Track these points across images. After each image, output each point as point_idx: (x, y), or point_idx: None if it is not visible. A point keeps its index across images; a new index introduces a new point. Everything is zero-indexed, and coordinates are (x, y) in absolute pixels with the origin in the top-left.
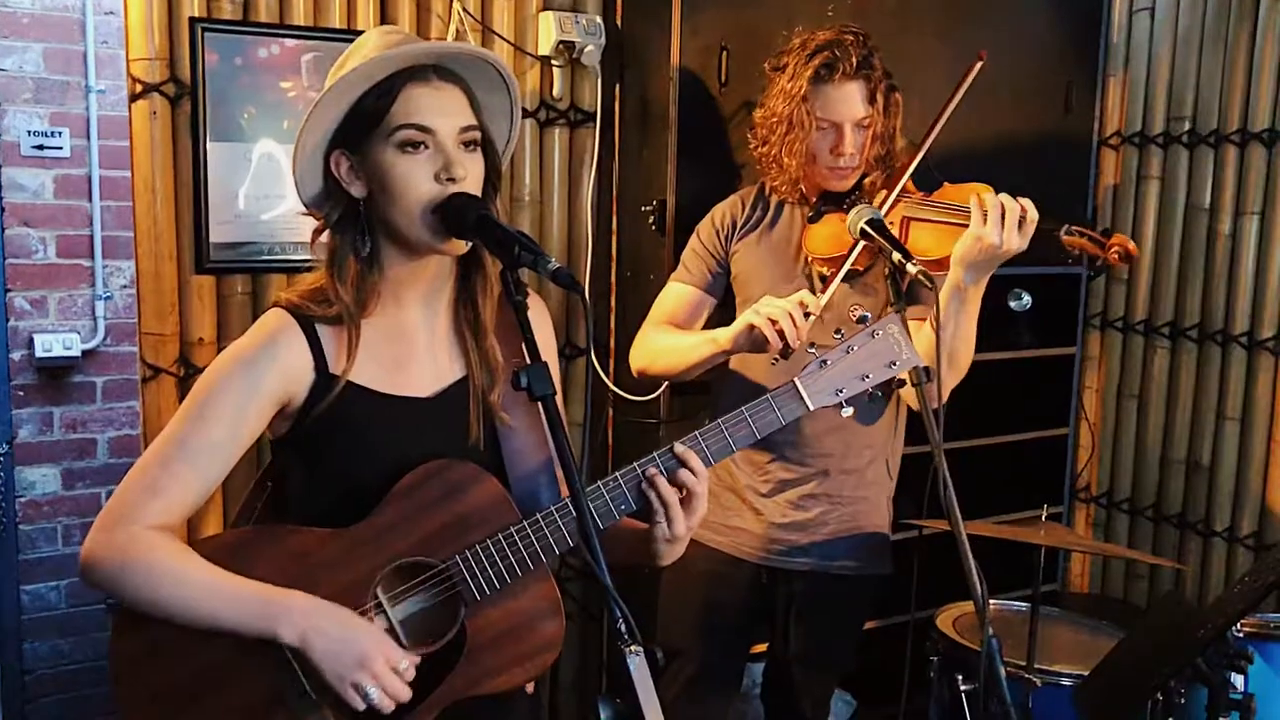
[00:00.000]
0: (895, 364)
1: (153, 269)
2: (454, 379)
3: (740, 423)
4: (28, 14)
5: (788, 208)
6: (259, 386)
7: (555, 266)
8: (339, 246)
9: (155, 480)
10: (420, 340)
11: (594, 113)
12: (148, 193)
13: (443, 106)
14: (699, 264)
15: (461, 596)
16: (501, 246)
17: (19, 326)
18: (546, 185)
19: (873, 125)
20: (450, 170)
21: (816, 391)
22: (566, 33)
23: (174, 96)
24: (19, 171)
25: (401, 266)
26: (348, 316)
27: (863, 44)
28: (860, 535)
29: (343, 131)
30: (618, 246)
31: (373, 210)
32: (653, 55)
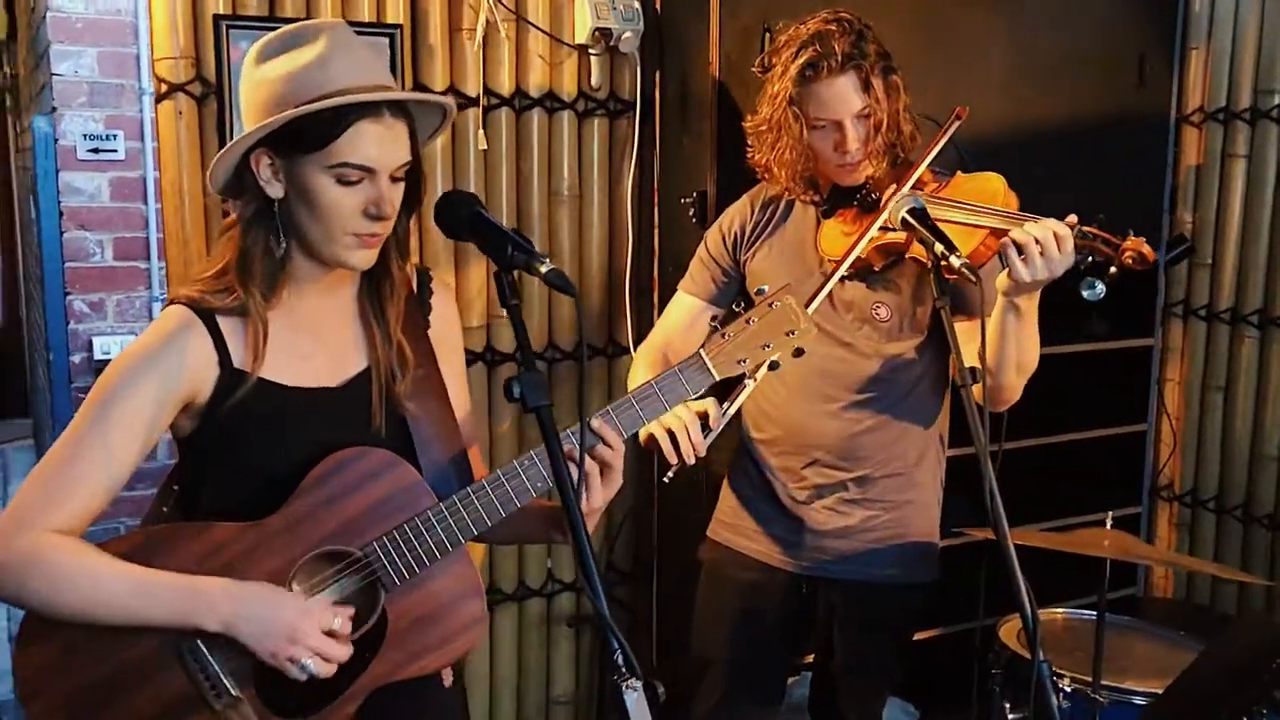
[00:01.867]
0: (793, 333)
1: (181, 273)
2: (359, 369)
3: (649, 395)
4: (82, 18)
5: (799, 205)
6: (161, 385)
7: (548, 267)
8: (250, 244)
9: (55, 485)
10: (324, 330)
11: (633, 102)
12: (175, 195)
13: (386, 144)
14: (704, 273)
15: (381, 583)
16: (495, 246)
17: (78, 329)
18: (586, 178)
19: (873, 114)
20: (379, 208)
21: (721, 362)
22: (603, 19)
23: (200, 96)
24: (75, 175)
25: (308, 263)
26: (254, 310)
27: (849, 29)
28: (906, 541)
29: (275, 137)
30: (659, 241)
31: (289, 216)
32: (692, 39)
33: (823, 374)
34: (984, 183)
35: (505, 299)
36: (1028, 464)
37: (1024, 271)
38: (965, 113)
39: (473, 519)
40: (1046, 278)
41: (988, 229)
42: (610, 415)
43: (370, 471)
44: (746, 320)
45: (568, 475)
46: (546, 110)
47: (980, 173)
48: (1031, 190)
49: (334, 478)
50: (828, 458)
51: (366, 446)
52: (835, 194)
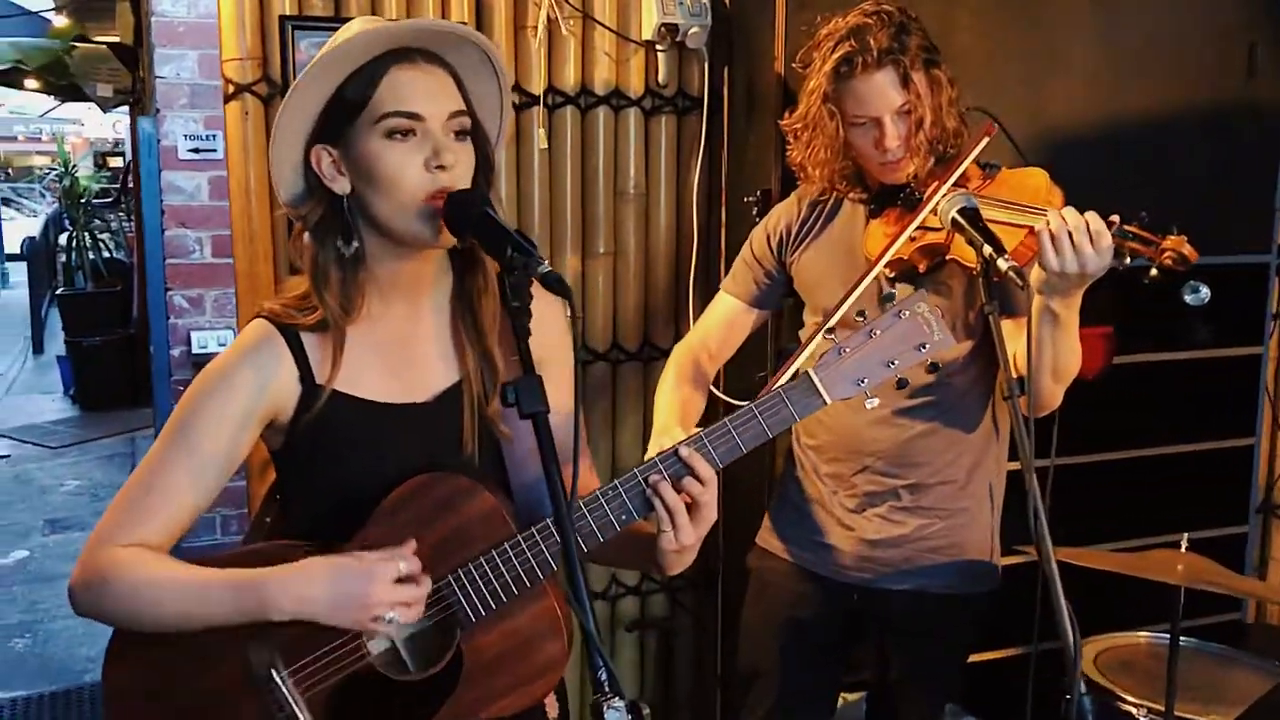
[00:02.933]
0: (925, 346)
1: (249, 270)
2: (449, 384)
3: (749, 421)
4: (183, 22)
5: (848, 204)
6: (243, 402)
7: (545, 269)
8: (320, 250)
9: (138, 502)
10: (414, 343)
11: (701, 99)
12: (243, 195)
13: (430, 90)
14: (746, 275)
15: (457, 618)
16: (495, 247)
17: (177, 324)
18: (653, 177)
19: (914, 110)
20: (440, 157)
21: (835, 382)
22: (669, 15)
23: (266, 96)
24: (177, 175)
25: (391, 265)
26: (332, 323)
27: (889, 22)
28: (962, 551)
29: (324, 124)
30: (726, 240)
31: (359, 207)
32: (759, 34)
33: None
34: (1025, 178)
35: (506, 300)
36: (1120, 477)
37: (1054, 260)
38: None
39: (553, 554)
40: (1076, 271)
41: (1027, 227)
42: (704, 444)
43: (446, 499)
44: (868, 332)
45: (560, 489)
46: (612, 108)
47: (1022, 168)
48: (1118, 191)
49: (408, 505)
50: (879, 464)
51: (442, 472)
52: (881, 192)
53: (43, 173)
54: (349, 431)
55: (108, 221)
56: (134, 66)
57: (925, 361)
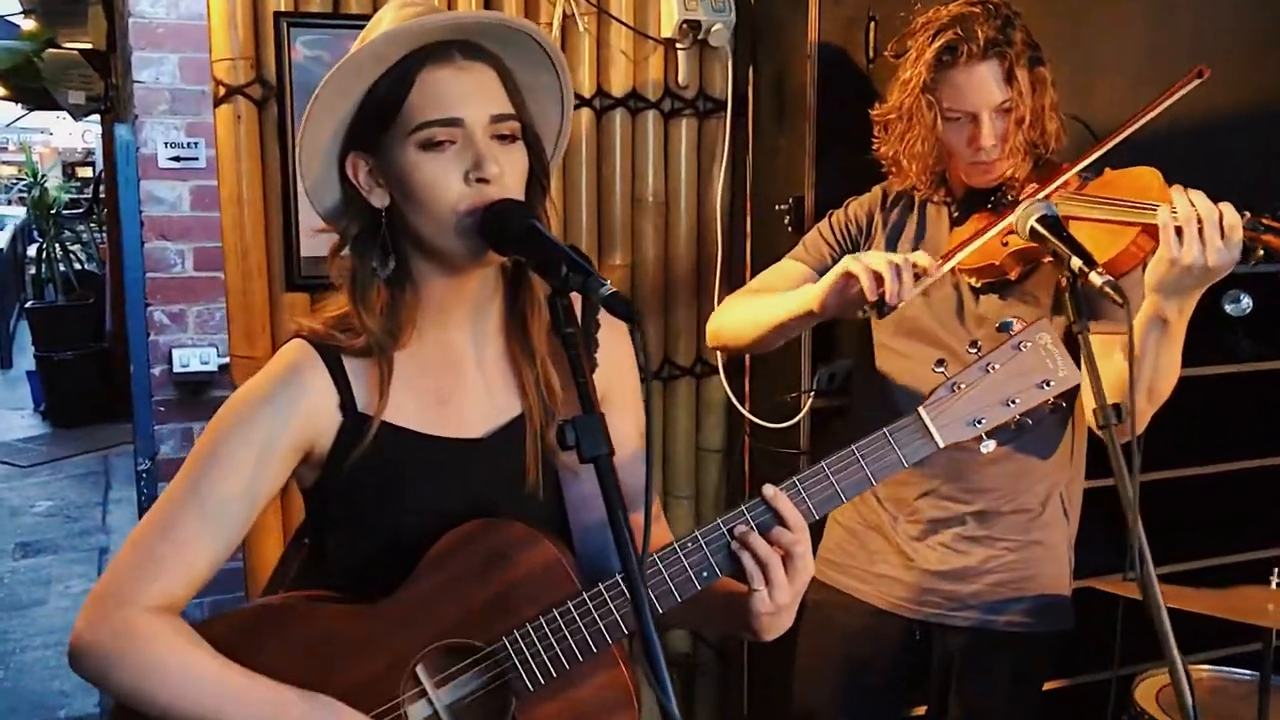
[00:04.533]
0: (1049, 383)
1: (241, 286)
2: (509, 416)
3: (850, 466)
4: (163, 24)
5: (933, 208)
6: (277, 432)
7: (606, 290)
8: (360, 266)
9: (156, 551)
10: (467, 371)
11: (725, 100)
12: (234, 205)
13: (468, 91)
14: (819, 248)
15: (512, 686)
16: (547, 266)
17: (159, 341)
18: (673, 184)
19: (1015, 108)
20: (481, 168)
21: (947, 423)
22: (691, 10)
23: (260, 99)
24: (157, 184)
25: (438, 284)
26: (377, 348)
27: (994, 14)
28: (1034, 586)
29: (356, 129)
30: (752, 251)
31: (398, 221)
32: (789, 30)
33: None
34: (1135, 178)
35: (560, 326)
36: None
37: (1177, 253)
38: (1206, 72)
39: (624, 615)
40: (1201, 266)
41: (1139, 226)
42: (798, 489)
43: (501, 548)
44: (985, 366)
45: (629, 542)
46: (630, 110)
47: (1132, 168)
48: None
49: (458, 555)
50: (945, 488)
51: (497, 519)
52: (969, 196)
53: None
54: (396, 469)
55: (78, 233)
56: (107, 73)
57: (1049, 400)
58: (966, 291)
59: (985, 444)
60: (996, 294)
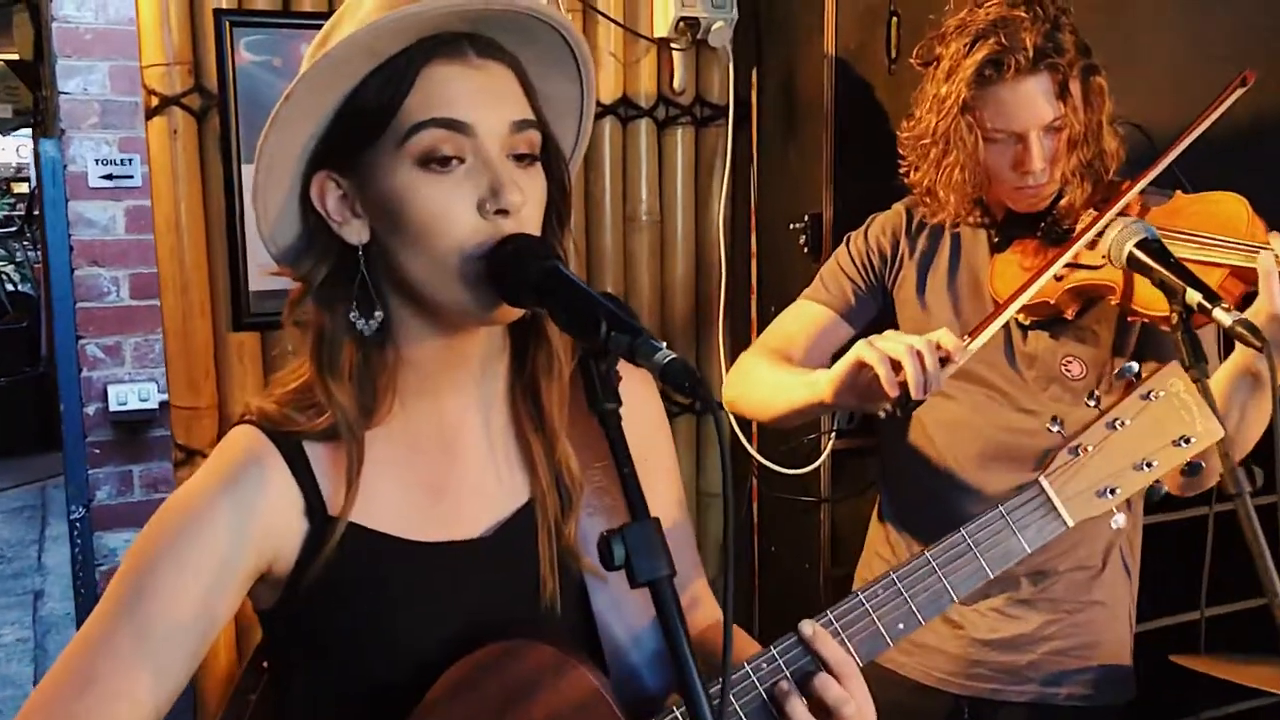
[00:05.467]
0: (1188, 440)
1: (180, 326)
2: (516, 506)
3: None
4: (91, 29)
5: (968, 230)
6: (229, 552)
7: (667, 356)
8: (329, 322)
9: (82, 693)
10: (463, 450)
11: (725, 107)
12: (171, 232)
13: (485, 93)
14: (840, 283)
15: None
16: (580, 323)
17: (92, 377)
18: (668, 199)
19: (1067, 126)
20: (501, 196)
21: (1074, 495)
22: (689, 7)
23: (199, 110)
24: (87, 205)
25: (427, 345)
26: (345, 428)
27: (1042, 17)
28: (1097, 653)
29: (329, 143)
30: (758, 274)
31: (381, 263)
32: (800, 30)
33: (998, 446)
34: (1216, 205)
35: (596, 401)
36: None
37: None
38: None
39: None
40: None
41: (1228, 268)
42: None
43: (526, 680)
44: (1111, 422)
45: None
46: (620, 119)
47: (1209, 193)
48: None
49: (473, 691)
50: None
51: (518, 640)
52: (1011, 220)
53: None
54: (376, 586)
55: (11, 252)
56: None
57: (1187, 460)
58: (1014, 327)
59: (1116, 518)
60: (1047, 330)
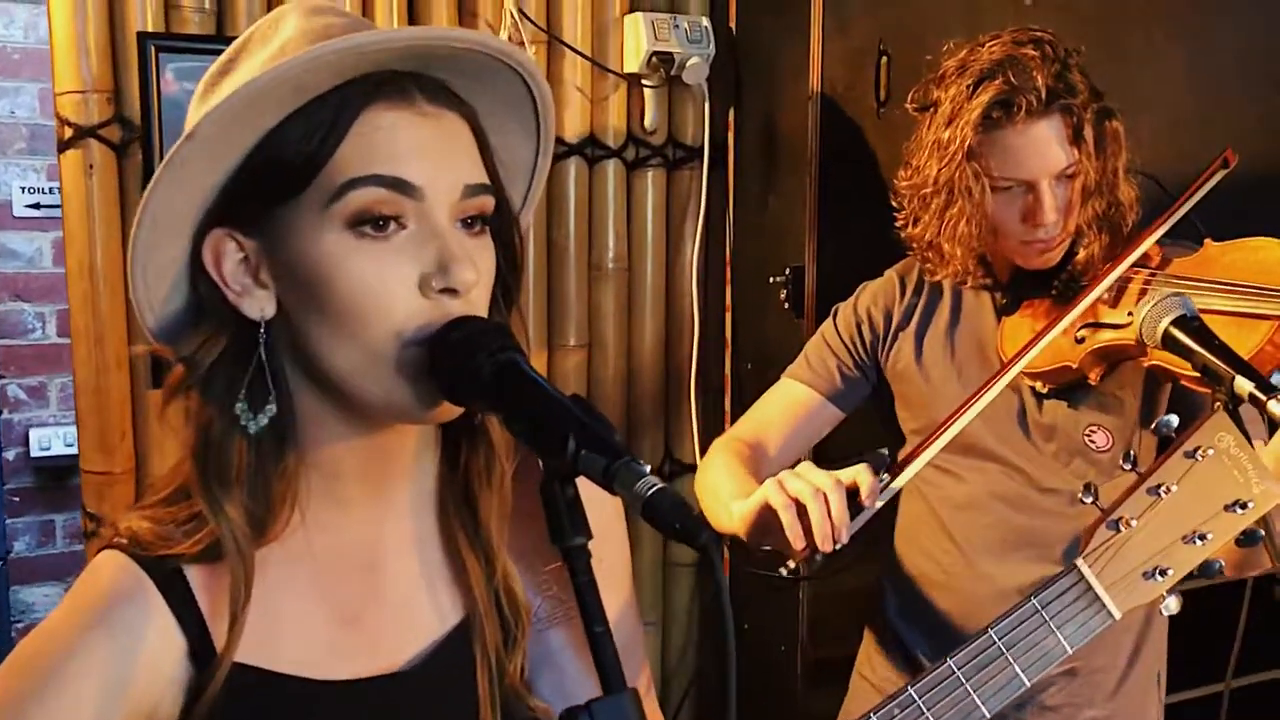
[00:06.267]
0: (1245, 505)
1: (93, 382)
2: (447, 629)
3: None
4: (19, 49)
5: (970, 292)
6: (95, 709)
7: (651, 486)
8: (216, 418)
9: None
10: (383, 569)
11: (700, 148)
12: (84, 278)
13: (435, 150)
14: (825, 361)
15: None
16: (542, 433)
17: (14, 420)
18: (637, 246)
19: (1080, 174)
20: (450, 272)
21: (1118, 579)
22: (662, 41)
23: (119, 143)
24: (12, 236)
25: (342, 445)
26: (232, 548)
27: (1052, 56)
28: None
29: (234, 196)
30: (734, 329)
31: (288, 345)
32: (782, 68)
33: (1017, 530)
34: (1256, 253)
35: (563, 535)
36: None
37: None
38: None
39: None
40: None
41: (1276, 319)
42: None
43: None
44: (1154, 488)
45: None
46: (586, 159)
47: (1246, 239)
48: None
49: None
50: None
51: None
52: (1019, 280)
53: None
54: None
55: None
56: None
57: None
58: (1028, 395)
59: (1167, 602)
60: (1064, 399)
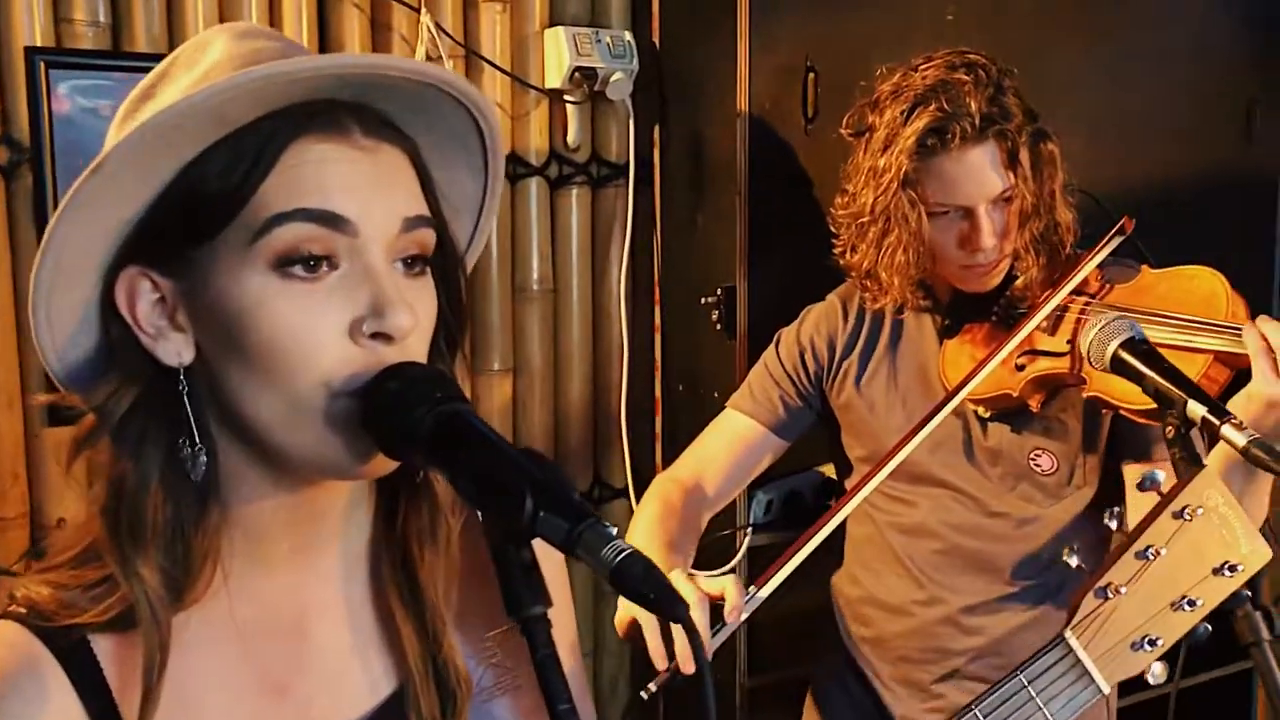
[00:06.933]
0: (1234, 568)
1: None
2: (379, 699)
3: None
4: None
5: (911, 315)
6: None
7: (620, 551)
8: (130, 472)
9: None
10: (311, 634)
11: (625, 166)
12: None
13: (369, 183)
14: (768, 392)
15: None
16: (492, 493)
17: None
18: (561, 267)
19: (1017, 198)
20: (383, 316)
21: (1107, 650)
22: (585, 56)
23: (6, 166)
24: None
25: (267, 501)
26: (147, 614)
27: (985, 80)
28: None
29: (148, 232)
30: (663, 349)
31: (208, 393)
32: (707, 83)
33: (967, 554)
34: (1191, 282)
35: (519, 604)
36: None
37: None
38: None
39: None
40: None
41: (1212, 353)
42: None
43: None
44: (1142, 551)
45: None
46: (508, 178)
47: (1183, 268)
48: None
49: None
50: (977, 667)
51: None
52: (960, 302)
53: None
54: None
55: None
56: None
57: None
58: (973, 420)
59: (1153, 669)
60: (1008, 423)
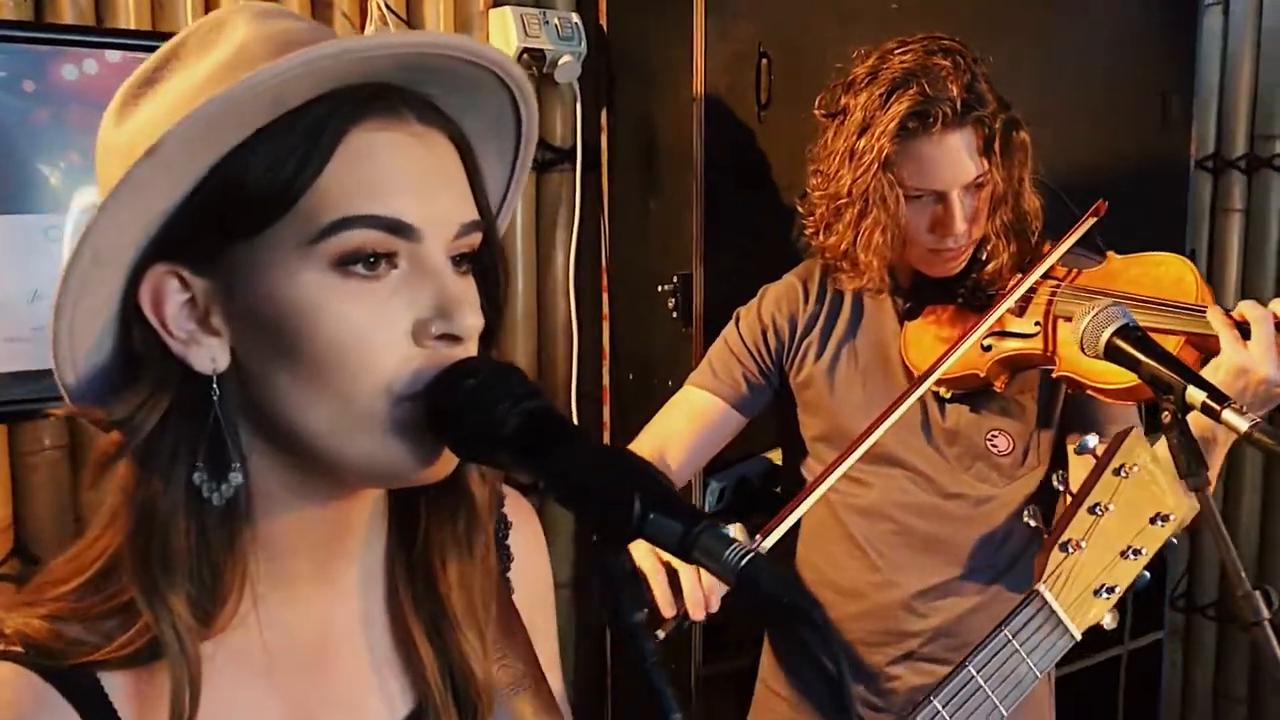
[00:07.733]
0: (1166, 518)
1: None
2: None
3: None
4: None
5: (870, 297)
6: None
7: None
8: (161, 495)
9: None
10: (334, 656)
11: (572, 150)
12: None
13: (432, 181)
14: (730, 369)
15: None
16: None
17: None
18: (506, 253)
19: (989, 184)
20: (452, 318)
21: (1075, 600)
22: (532, 37)
23: None
24: None
25: (297, 516)
26: (176, 649)
27: (963, 66)
28: None
29: (183, 227)
30: (611, 337)
31: (243, 402)
32: (658, 68)
33: (923, 535)
34: (1160, 268)
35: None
36: None
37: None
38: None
39: None
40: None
41: (1184, 335)
42: None
43: None
44: (1093, 507)
45: None
46: None
47: (1150, 254)
48: None
49: None
50: (932, 649)
51: None
52: (922, 285)
53: None
54: None
55: None
56: None
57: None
58: (931, 400)
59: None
60: (967, 404)
